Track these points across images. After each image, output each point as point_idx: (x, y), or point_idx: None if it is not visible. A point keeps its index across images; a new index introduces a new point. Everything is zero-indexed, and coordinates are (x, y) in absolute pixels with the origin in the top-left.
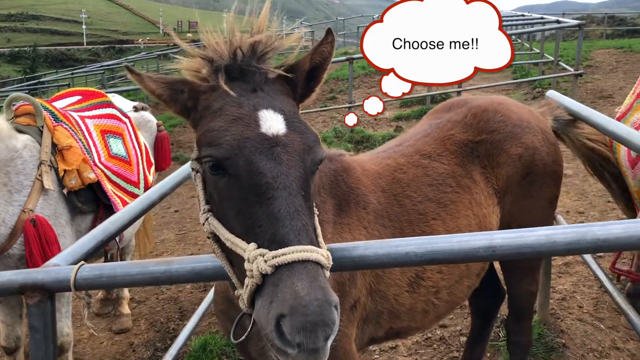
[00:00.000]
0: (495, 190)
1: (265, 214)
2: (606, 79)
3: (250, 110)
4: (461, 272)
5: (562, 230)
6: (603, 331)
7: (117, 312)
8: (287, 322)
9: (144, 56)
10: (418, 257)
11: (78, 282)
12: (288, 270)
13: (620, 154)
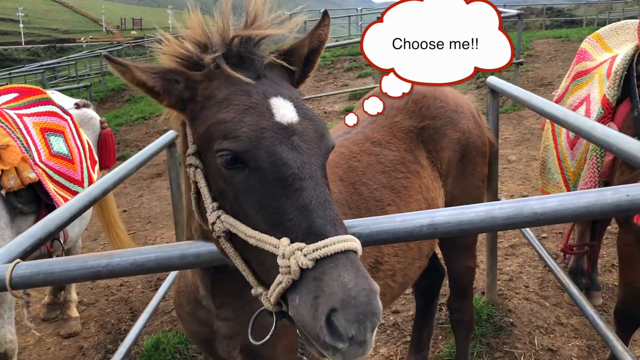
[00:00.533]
0: (440, 174)
1: (295, 206)
2: (546, 67)
3: (261, 98)
4: (414, 254)
5: (500, 206)
6: (548, 308)
7: (65, 315)
8: (340, 316)
9: (86, 54)
10: (363, 238)
11: (14, 281)
12: (332, 263)
13: (561, 137)
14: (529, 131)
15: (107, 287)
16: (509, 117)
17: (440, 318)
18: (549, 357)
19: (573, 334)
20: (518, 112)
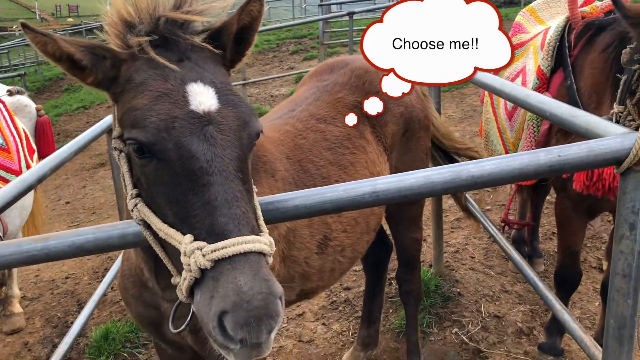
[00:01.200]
0: (385, 148)
1: (201, 202)
2: None
3: (178, 84)
4: (362, 229)
5: (438, 171)
6: (493, 277)
7: (7, 312)
8: (229, 319)
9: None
10: (307, 209)
11: None
12: (229, 264)
13: (500, 109)
14: (472, 108)
15: (51, 280)
16: (452, 95)
17: (389, 292)
18: (495, 323)
19: (517, 300)
20: (460, 90)
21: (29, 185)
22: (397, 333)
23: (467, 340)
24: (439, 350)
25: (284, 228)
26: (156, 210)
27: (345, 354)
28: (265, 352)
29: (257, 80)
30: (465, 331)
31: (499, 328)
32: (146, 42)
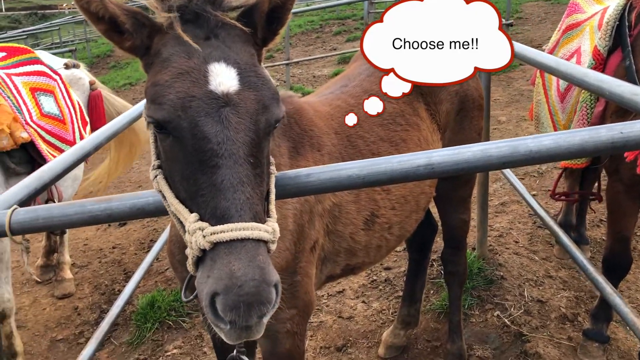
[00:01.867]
0: (439, 126)
1: (208, 183)
2: (535, 29)
3: (200, 62)
4: (411, 208)
5: (496, 145)
6: (537, 262)
7: (59, 277)
8: (220, 301)
9: (69, 20)
10: (361, 179)
11: (13, 227)
12: (226, 248)
13: (552, 91)
14: (519, 92)
15: (99, 249)
16: (498, 79)
17: (431, 273)
18: (538, 307)
19: (562, 286)
20: (507, 73)
21: (86, 153)
22: (438, 314)
23: (509, 323)
24: (480, 332)
25: (328, 203)
26: (171, 184)
27: (385, 331)
28: (256, 335)
29: (300, 60)
30: (507, 314)
31: (542, 313)
32: (175, 17)
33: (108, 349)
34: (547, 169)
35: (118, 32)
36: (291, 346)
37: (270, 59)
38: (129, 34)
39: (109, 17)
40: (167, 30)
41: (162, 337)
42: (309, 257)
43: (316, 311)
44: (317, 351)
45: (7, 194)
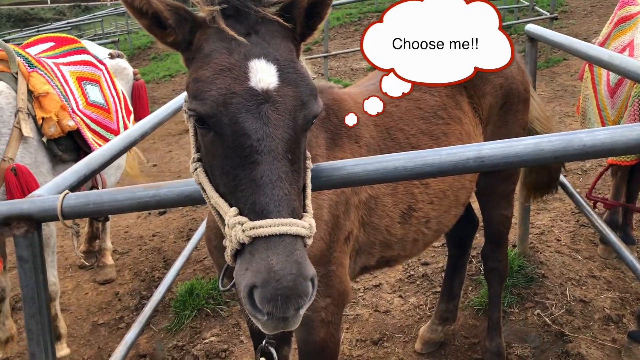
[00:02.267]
0: (481, 120)
1: (248, 178)
2: (581, 23)
3: (241, 59)
4: (450, 202)
5: (549, 139)
6: (580, 261)
7: (101, 263)
8: (258, 293)
9: (111, 12)
10: (408, 171)
11: (65, 211)
12: (265, 243)
13: (601, 86)
14: (562, 88)
15: (140, 237)
16: (541, 73)
17: (470, 270)
18: (581, 307)
19: (606, 287)
20: (551, 68)
21: (133, 141)
22: (476, 310)
23: (549, 322)
24: (520, 331)
25: (365, 194)
26: (211, 178)
27: (422, 327)
28: (293, 326)
29: (338, 53)
30: (548, 313)
31: (584, 313)
32: (217, 11)
33: (147, 334)
34: (592, 166)
35: (161, 27)
36: (325, 335)
37: (308, 51)
38: (171, 29)
39: (152, 13)
40: (210, 25)
41: (200, 325)
42: (343, 247)
43: (352, 304)
44: (352, 344)
45: (58, 179)
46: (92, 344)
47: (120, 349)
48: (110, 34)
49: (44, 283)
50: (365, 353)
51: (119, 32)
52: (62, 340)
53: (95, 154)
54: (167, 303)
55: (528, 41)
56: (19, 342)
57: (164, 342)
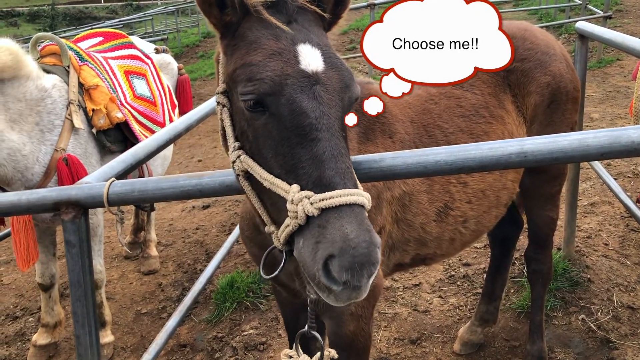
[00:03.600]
0: (525, 120)
1: (309, 155)
2: (637, 23)
3: (289, 44)
4: (490, 203)
5: (594, 134)
6: (629, 267)
7: (145, 254)
8: (335, 263)
9: (161, 11)
10: (449, 165)
11: (110, 197)
12: (336, 213)
13: None
14: (614, 89)
15: (183, 229)
16: (593, 74)
17: (512, 272)
18: (629, 314)
19: None
20: (603, 69)
21: (178, 133)
22: (518, 313)
23: (595, 328)
24: (563, 335)
25: (398, 191)
26: (261, 162)
27: (462, 327)
28: (363, 295)
29: None
30: (593, 319)
31: (632, 320)
32: (260, 3)
33: (188, 325)
34: None
35: (221, 7)
36: (355, 328)
37: (352, 50)
38: (232, 9)
39: None
40: (256, 14)
41: (239, 317)
42: None
43: (391, 303)
44: (390, 342)
45: (105, 168)
46: (135, 332)
47: (161, 336)
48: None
49: (89, 268)
50: (403, 352)
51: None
52: (107, 327)
53: (141, 145)
54: (208, 295)
55: (578, 39)
56: (67, 328)
57: (204, 333)
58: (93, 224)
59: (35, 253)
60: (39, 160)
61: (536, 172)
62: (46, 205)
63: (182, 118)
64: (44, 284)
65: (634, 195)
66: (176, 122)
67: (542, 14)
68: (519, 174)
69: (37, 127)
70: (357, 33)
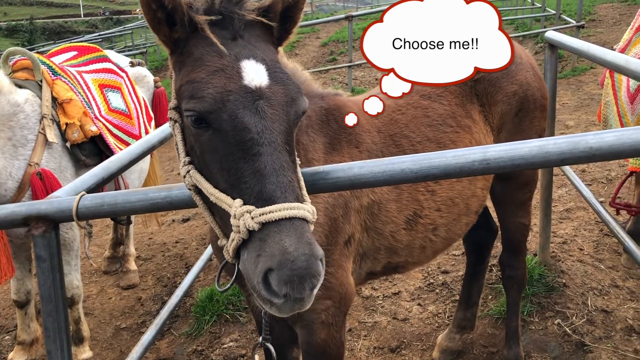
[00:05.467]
0: (492, 128)
1: (251, 170)
2: (609, 32)
3: (232, 60)
4: (460, 210)
5: (554, 141)
6: (603, 271)
7: (124, 268)
8: (274, 276)
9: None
10: (414, 173)
11: (80, 211)
12: (276, 227)
13: (621, 92)
14: (589, 97)
15: (163, 243)
16: (568, 82)
17: (489, 279)
18: (603, 318)
19: (629, 297)
20: (577, 77)
21: (152, 146)
22: (495, 319)
23: (570, 332)
24: (539, 340)
25: (366, 199)
26: (208, 176)
27: (441, 335)
28: (306, 306)
29: (362, 62)
30: (568, 323)
31: (606, 323)
32: (205, 20)
33: (168, 339)
34: (617, 175)
35: (170, 24)
36: (326, 336)
37: (333, 61)
38: (181, 27)
39: (172, 7)
40: (202, 31)
41: (219, 330)
42: (343, 250)
43: (371, 311)
44: (370, 351)
45: (76, 182)
46: (115, 348)
47: (137, 350)
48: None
49: (61, 282)
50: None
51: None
52: (85, 343)
53: (114, 158)
54: (187, 308)
55: (548, 48)
56: (44, 345)
57: (183, 347)
58: (69, 238)
59: (11, 269)
60: (12, 176)
61: (506, 179)
62: (16, 221)
63: (156, 131)
64: (19, 301)
65: (607, 200)
66: (150, 135)
67: (519, 24)
68: (488, 181)
69: (10, 142)
70: (336, 45)
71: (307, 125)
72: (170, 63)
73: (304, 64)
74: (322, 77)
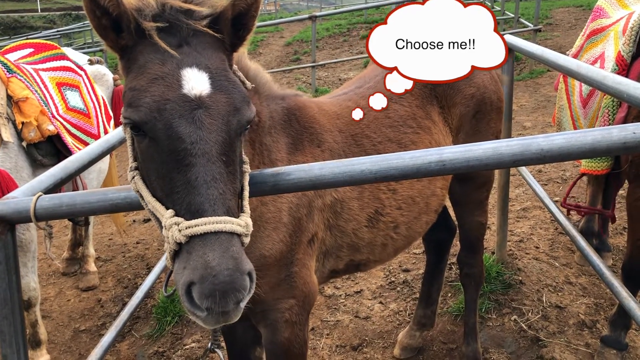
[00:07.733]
0: (451, 129)
1: (183, 180)
2: (565, 36)
3: (173, 68)
4: (420, 209)
5: (507, 143)
6: (558, 268)
7: (84, 270)
8: (196, 290)
9: None
10: (373, 174)
11: (38, 212)
12: (201, 241)
13: (574, 96)
14: (545, 98)
15: (124, 244)
16: (525, 84)
17: (449, 277)
18: (557, 313)
19: (581, 293)
20: (535, 79)
21: (111, 146)
22: (455, 317)
23: (526, 328)
24: (497, 336)
25: (329, 198)
26: (148, 184)
27: (401, 332)
28: (234, 319)
29: (325, 63)
30: (524, 319)
31: (560, 318)
32: (152, 27)
33: (129, 340)
34: (572, 175)
35: (117, 30)
36: (290, 335)
37: (296, 61)
38: (127, 33)
39: (117, 14)
40: (149, 38)
41: (181, 331)
42: (307, 249)
43: (333, 310)
44: (332, 349)
45: (33, 182)
46: (73, 351)
47: (96, 352)
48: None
49: (17, 285)
50: (344, 359)
51: None
52: (42, 346)
53: (72, 158)
54: (149, 310)
55: None
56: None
57: (145, 348)
58: (26, 240)
59: None
60: None
61: (464, 179)
62: None
63: (116, 130)
64: None
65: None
66: (109, 135)
67: None
68: (447, 181)
69: None
70: (300, 44)
71: (270, 126)
72: (119, 68)
73: (268, 63)
74: (286, 76)
